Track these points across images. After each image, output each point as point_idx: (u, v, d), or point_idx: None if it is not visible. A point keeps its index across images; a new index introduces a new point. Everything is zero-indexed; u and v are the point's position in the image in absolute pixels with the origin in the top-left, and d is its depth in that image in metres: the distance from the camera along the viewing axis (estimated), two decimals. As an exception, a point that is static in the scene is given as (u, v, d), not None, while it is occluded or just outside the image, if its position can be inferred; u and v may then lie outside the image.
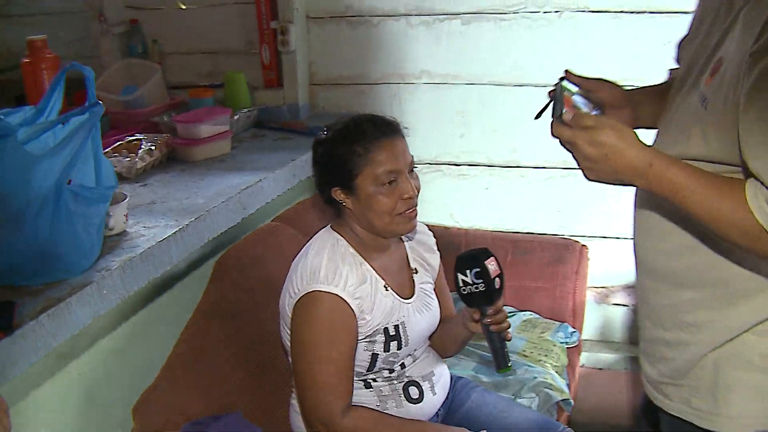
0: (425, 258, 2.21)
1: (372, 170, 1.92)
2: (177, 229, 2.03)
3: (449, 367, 2.28)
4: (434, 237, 2.28)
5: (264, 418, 2.07)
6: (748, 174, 1.42)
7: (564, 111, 1.58)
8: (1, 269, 1.67)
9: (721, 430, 1.65)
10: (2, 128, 1.59)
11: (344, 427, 1.92)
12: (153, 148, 2.59)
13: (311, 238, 2.07)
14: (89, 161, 1.71)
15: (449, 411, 2.20)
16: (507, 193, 3.25)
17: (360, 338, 1.98)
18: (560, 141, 1.52)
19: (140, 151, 2.56)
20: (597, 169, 1.49)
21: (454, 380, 2.28)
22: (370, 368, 2.02)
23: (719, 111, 1.47)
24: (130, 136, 2.70)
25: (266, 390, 2.11)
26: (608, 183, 1.51)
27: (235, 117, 2.99)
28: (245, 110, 3.08)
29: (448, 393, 2.22)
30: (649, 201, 1.69)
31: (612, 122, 1.47)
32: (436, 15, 3.15)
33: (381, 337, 2.00)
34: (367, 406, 2.01)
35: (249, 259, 2.25)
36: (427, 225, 2.29)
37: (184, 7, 3.35)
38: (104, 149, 2.54)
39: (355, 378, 2.01)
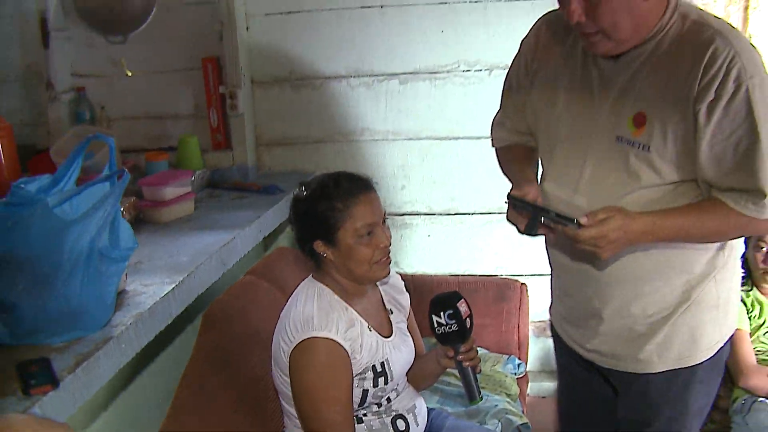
0: (397, 299, 2.40)
1: (352, 224, 2.10)
2: (174, 285, 2.18)
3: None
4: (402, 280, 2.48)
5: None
6: (705, 185, 1.86)
7: (576, 220, 1.81)
8: (29, 328, 1.78)
9: (698, 361, 2.06)
10: (29, 197, 1.73)
11: None
12: (123, 210, 2.71)
13: (295, 289, 2.23)
14: (107, 225, 1.85)
15: (427, 438, 2.39)
16: (448, 238, 3.50)
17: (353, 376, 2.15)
18: (575, 241, 1.82)
19: (112, 214, 2.68)
20: (615, 246, 1.83)
21: (428, 411, 2.47)
22: (361, 404, 2.19)
23: (670, 151, 1.85)
24: (97, 200, 2.81)
25: (258, 430, 2.24)
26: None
27: (192, 179, 3.14)
28: (199, 171, 3.23)
29: (426, 423, 2.40)
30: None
31: (609, 207, 1.82)
32: (375, 76, 3.40)
33: (370, 374, 2.17)
34: None
35: (233, 311, 2.39)
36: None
37: (130, 74, 3.48)
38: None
39: None
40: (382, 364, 2.20)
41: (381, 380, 2.19)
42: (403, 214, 3.52)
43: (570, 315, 2.24)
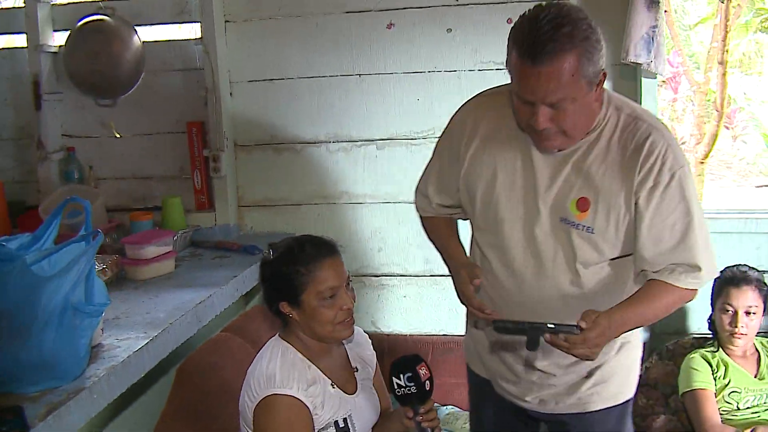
0: (363, 357, 2.48)
1: (315, 287, 2.18)
2: (148, 340, 2.27)
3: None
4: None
5: None
6: (641, 261, 2.06)
7: (578, 325, 1.94)
8: (4, 377, 1.88)
9: (631, 396, 2.34)
10: (9, 254, 1.84)
11: None
12: (105, 267, 2.82)
13: (262, 347, 2.32)
14: (82, 281, 1.95)
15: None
16: (423, 299, 3.59)
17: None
18: (575, 347, 1.95)
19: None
20: (603, 344, 1.99)
21: None
22: None
23: (611, 233, 2.06)
24: (80, 257, 2.91)
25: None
26: None
27: (175, 238, 3.24)
28: (182, 231, 3.34)
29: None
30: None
31: (589, 310, 1.97)
32: (353, 141, 3.54)
33: (332, 430, 2.24)
34: None
35: (206, 366, 2.48)
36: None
37: (119, 135, 3.62)
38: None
39: None
40: (345, 420, 2.27)
41: None
42: (379, 275, 3.61)
43: (507, 372, 2.35)
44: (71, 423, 1.88)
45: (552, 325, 1.95)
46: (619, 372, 2.27)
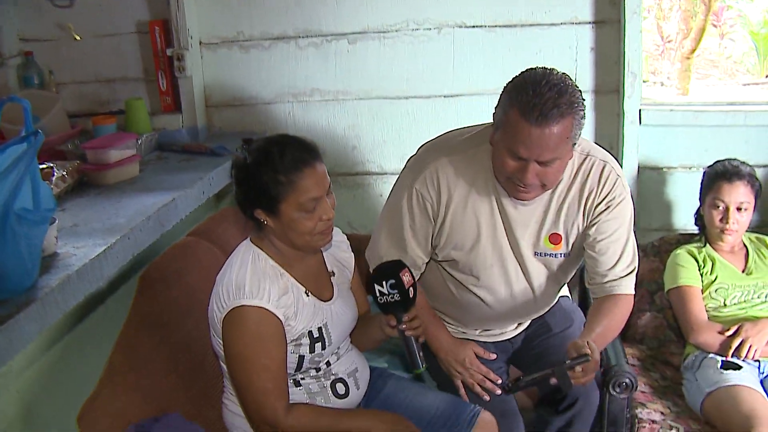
0: (341, 259, 2.40)
1: (296, 198, 2.05)
2: (106, 247, 2.18)
3: (365, 360, 2.48)
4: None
5: (198, 417, 2.21)
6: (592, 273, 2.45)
7: (586, 354, 2.15)
8: (-52, 292, 1.79)
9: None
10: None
11: (289, 426, 2.09)
12: (65, 174, 2.71)
13: (232, 251, 2.23)
14: (27, 186, 1.84)
15: (369, 398, 2.40)
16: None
17: (287, 342, 2.15)
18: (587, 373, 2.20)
19: (53, 178, 2.67)
20: None
21: (371, 370, 2.48)
22: (298, 368, 2.19)
23: (575, 256, 2.48)
24: (40, 164, 2.80)
25: (197, 392, 2.25)
26: None
27: (139, 141, 3.13)
28: (147, 134, 3.21)
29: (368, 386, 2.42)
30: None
31: (575, 345, 2.21)
32: (324, 36, 3.38)
33: (306, 340, 2.17)
34: (303, 402, 2.20)
35: (170, 272, 2.39)
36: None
37: (78, 38, 3.46)
38: None
39: None
40: (320, 329, 2.19)
41: (318, 345, 2.19)
42: (354, 174, 3.51)
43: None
44: (21, 336, 1.80)
45: (569, 362, 2.15)
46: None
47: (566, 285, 2.68)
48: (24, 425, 2.14)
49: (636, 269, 2.43)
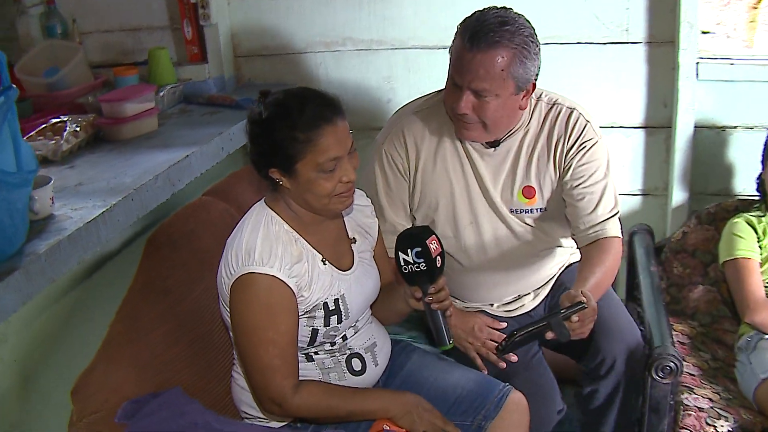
0: (363, 225, 2.21)
1: (314, 158, 1.88)
2: (104, 209, 2.03)
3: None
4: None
5: (204, 392, 2.07)
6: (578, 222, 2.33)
7: (581, 302, 2.01)
8: None
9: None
10: None
11: (296, 406, 1.94)
12: (78, 129, 2.56)
13: (245, 213, 2.06)
14: (8, 146, 1.69)
15: (390, 374, 2.23)
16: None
17: (300, 315, 1.98)
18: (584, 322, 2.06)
19: (65, 133, 2.53)
20: None
21: (393, 344, 2.31)
22: (311, 342, 2.03)
23: (554, 210, 2.38)
24: (55, 118, 2.66)
25: (203, 365, 2.11)
26: None
27: (161, 93, 2.97)
28: (170, 86, 3.05)
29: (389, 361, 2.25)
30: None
31: (568, 294, 2.05)
32: (357, -19, 3.16)
33: (320, 312, 2.00)
34: (313, 379, 2.04)
35: (180, 235, 2.24)
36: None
37: (102, -16, 3.30)
38: (28, 133, 2.53)
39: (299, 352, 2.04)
40: (336, 301, 2.02)
41: (333, 319, 2.02)
42: (389, 129, 3.30)
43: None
44: (2, 308, 1.66)
45: (564, 311, 1.99)
46: None
47: None
48: (21, 395, 2.04)
49: (618, 213, 2.35)
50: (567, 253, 2.54)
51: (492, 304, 2.49)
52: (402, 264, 1.99)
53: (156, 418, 1.82)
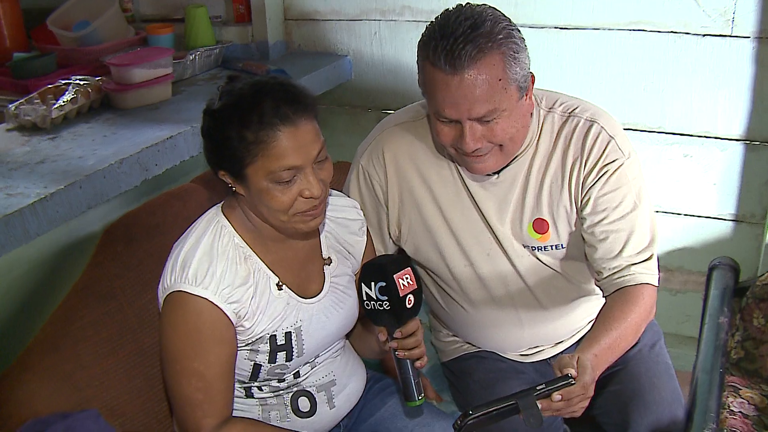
0: (345, 243, 1.88)
1: (264, 164, 1.56)
2: (36, 199, 1.80)
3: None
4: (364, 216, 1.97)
5: (140, 413, 1.84)
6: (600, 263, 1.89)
7: (569, 375, 1.56)
8: None
9: None
10: None
11: None
12: (77, 95, 2.35)
13: (200, 216, 1.79)
14: None
15: (356, 420, 1.92)
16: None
17: (240, 345, 1.70)
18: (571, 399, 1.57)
19: (61, 98, 2.33)
20: (593, 384, 1.60)
21: (371, 382, 1.99)
22: (253, 378, 1.75)
23: (574, 248, 1.94)
24: (65, 79, 2.47)
25: (141, 382, 1.85)
26: None
27: (191, 56, 2.72)
28: (205, 48, 2.80)
29: (359, 400, 1.94)
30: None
31: (563, 356, 1.63)
32: (419, -58, 2.78)
33: (265, 347, 1.71)
34: (246, 418, 1.78)
35: (142, 228, 1.98)
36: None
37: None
38: (31, 92, 2.35)
39: (237, 384, 1.77)
40: (288, 335, 1.72)
41: (281, 356, 1.72)
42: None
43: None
44: None
45: (542, 386, 1.53)
46: None
47: None
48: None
49: (652, 256, 1.88)
50: (600, 303, 2.00)
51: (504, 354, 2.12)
52: (364, 299, 1.67)
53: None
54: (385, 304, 1.63)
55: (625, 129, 1.92)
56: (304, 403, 1.80)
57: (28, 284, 2.10)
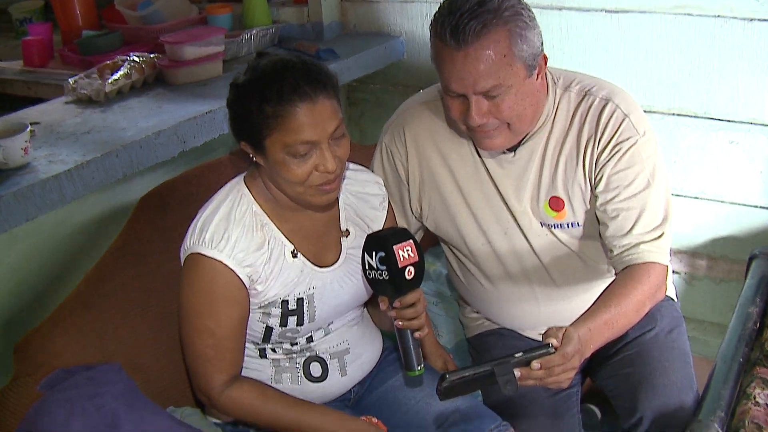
0: (365, 216, 1.96)
1: (282, 137, 1.65)
2: (73, 165, 1.93)
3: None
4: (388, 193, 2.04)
5: (164, 370, 1.95)
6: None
7: (550, 344, 1.56)
8: None
9: None
10: None
11: (222, 403, 1.79)
12: (130, 70, 2.48)
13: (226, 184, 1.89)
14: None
15: (368, 388, 2.00)
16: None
17: (253, 308, 1.80)
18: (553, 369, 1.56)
19: (118, 73, 2.47)
20: (576, 368, 1.60)
21: (386, 353, 2.06)
22: (265, 340, 1.84)
23: (590, 226, 1.96)
24: (125, 55, 2.60)
25: (165, 342, 1.96)
26: None
27: (246, 36, 2.82)
28: (260, 28, 2.89)
29: (373, 369, 2.01)
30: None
31: (550, 330, 1.60)
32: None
33: (277, 311, 1.80)
34: (255, 379, 1.87)
35: (176, 198, 2.09)
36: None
37: None
38: (90, 68, 2.49)
39: (251, 345, 1.87)
40: (300, 300, 1.81)
41: (292, 320, 1.81)
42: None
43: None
44: None
45: (520, 354, 1.53)
46: None
47: None
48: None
49: (663, 234, 1.87)
50: None
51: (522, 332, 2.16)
52: (366, 268, 1.73)
53: (63, 396, 1.71)
54: (385, 273, 1.68)
55: (670, 114, 1.93)
56: (315, 369, 1.88)
57: (73, 245, 2.24)
